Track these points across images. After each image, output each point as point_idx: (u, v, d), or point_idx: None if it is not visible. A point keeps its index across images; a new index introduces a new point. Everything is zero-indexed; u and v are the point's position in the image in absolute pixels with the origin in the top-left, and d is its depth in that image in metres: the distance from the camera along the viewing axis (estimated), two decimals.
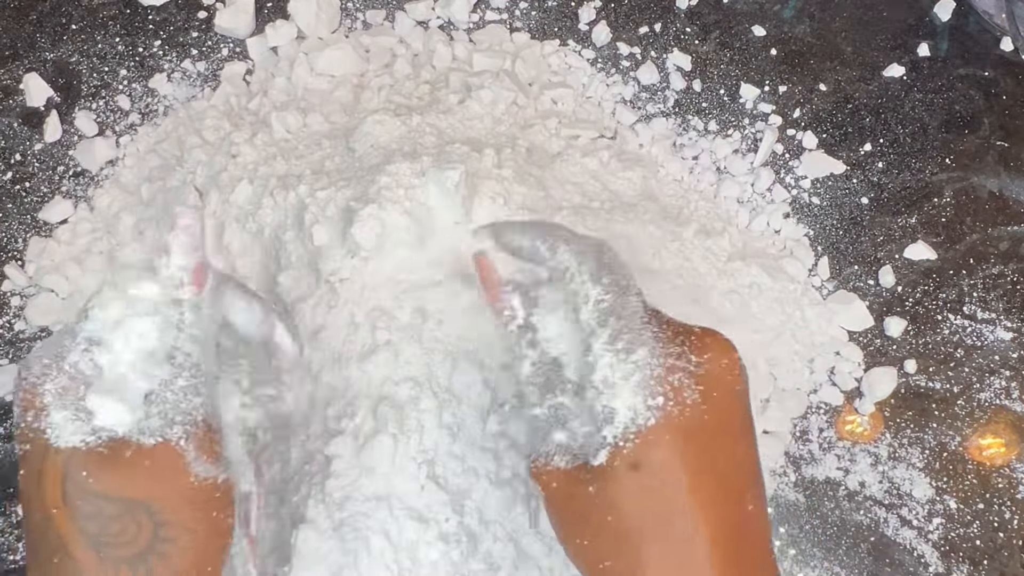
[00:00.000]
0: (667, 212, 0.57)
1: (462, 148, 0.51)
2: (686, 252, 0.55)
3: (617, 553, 0.33)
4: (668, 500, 0.33)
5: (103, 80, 0.62)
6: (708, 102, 0.63)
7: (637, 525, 0.33)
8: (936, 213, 0.61)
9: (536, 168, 0.54)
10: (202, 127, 0.57)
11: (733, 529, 0.33)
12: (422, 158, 0.49)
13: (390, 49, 0.62)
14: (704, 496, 0.33)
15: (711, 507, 0.33)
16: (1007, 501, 0.54)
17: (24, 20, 0.63)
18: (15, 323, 0.56)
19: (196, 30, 0.63)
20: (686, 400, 0.33)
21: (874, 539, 0.54)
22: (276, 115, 0.56)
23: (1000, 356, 0.57)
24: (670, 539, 0.33)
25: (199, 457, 0.35)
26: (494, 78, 0.58)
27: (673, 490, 0.32)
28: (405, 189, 0.47)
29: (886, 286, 0.59)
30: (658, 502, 0.33)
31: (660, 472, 0.32)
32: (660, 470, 0.32)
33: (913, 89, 0.64)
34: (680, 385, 0.33)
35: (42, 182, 0.59)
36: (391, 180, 0.47)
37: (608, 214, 0.54)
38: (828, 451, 0.55)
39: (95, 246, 0.57)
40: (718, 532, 0.33)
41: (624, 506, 0.33)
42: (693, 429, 0.33)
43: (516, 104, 0.58)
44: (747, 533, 0.34)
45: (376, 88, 0.59)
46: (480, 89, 0.57)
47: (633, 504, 0.33)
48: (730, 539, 0.33)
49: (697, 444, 0.33)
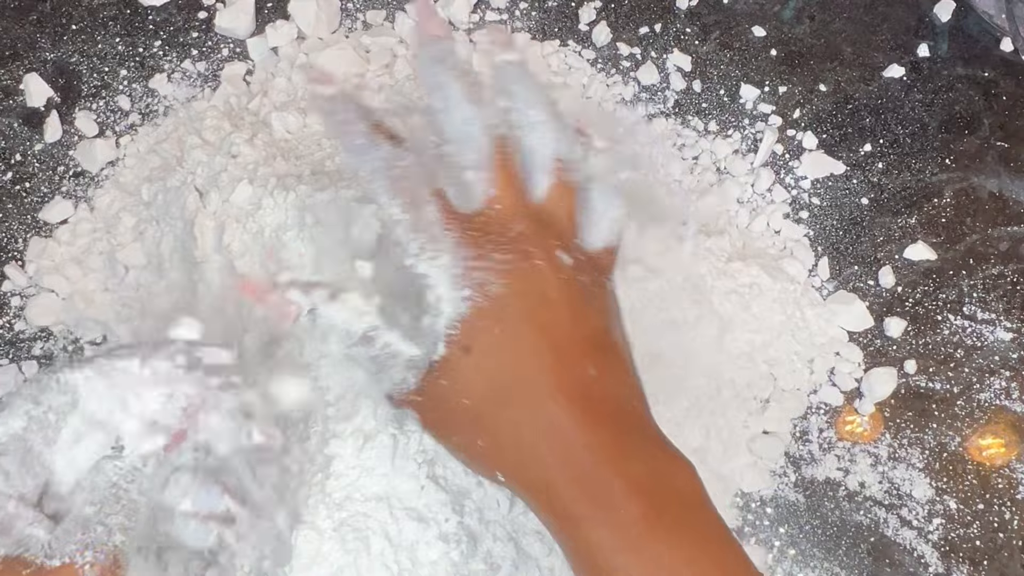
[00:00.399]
0: (668, 212, 0.57)
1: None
2: (692, 248, 0.55)
3: (481, 430, 0.37)
4: (503, 373, 0.36)
5: (103, 80, 0.62)
6: (708, 102, 0.63)
7: (485, 400, 0.37)
8: (936, 213, 0.61)
9: None
10: (202, 127, 0.57)
11: (579, 393, 0.36)
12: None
13: (390, 49, 0.62)
14: (534, 366, 0.36)
15: (549, 374, 0.36)
16: (1007, 501, 0.54)
17: (24, 20, 0.63)
18: (15, 323, 0.56)
19: (196, 30, 0.63)
20: (490, 292, 0.37)
21: (874, 539, 0.54)
22: (276, 115, 0.56)
23: (1000, 356, 0.57)
24: (516, 405, 0.36)
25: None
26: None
27: (505, 364, 0.36)
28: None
29: (886, 286, 0.59)
30: (495, 377, 0.36)
31: (486, 352, 0.37)
32: (485, 351, 0.37)
33: (913, 89, 0.64)
34: (483, 280, 0.37)
35: (42, 182, 0.59)
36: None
37: None
38: (828, 451, 0.55)
39: (95, 246, 0.57)
40: (560, 393, 0.36)
41: (471, 385, 0.37)
42: (502, 315, 0.37)
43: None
44: (592, 390, 0.36)
45: (376, 88, 0.59)
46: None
47: (477, 382, 0.37)
48: (577, 401, 0.36)
49: (509, 327, 0.36)
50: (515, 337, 0.36)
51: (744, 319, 0.55)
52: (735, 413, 0.54)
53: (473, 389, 0.37)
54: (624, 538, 0.34)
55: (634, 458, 0.36)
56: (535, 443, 0.36)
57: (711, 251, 0.56)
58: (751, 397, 0.55)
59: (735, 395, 0.54)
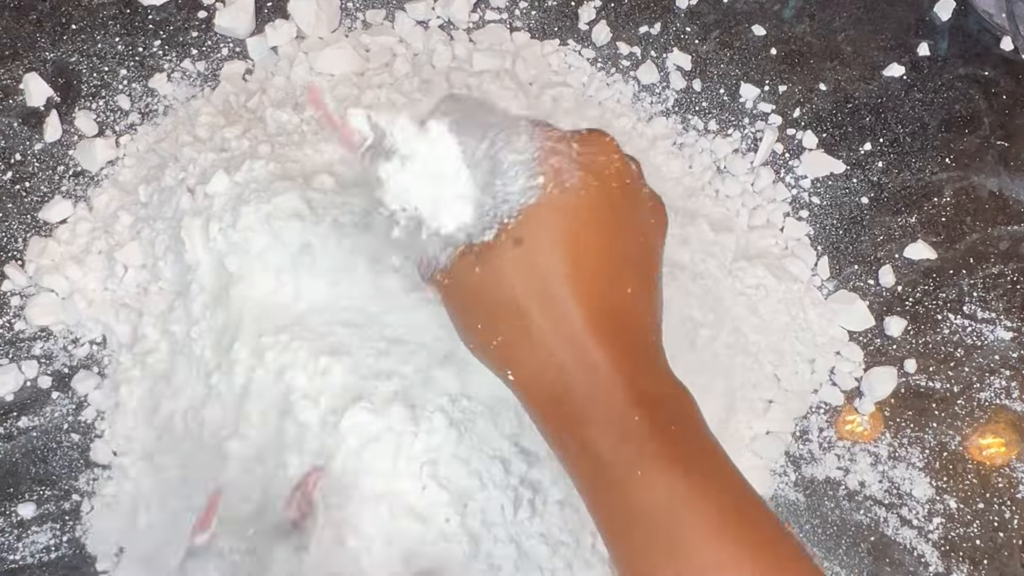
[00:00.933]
0: (675, 206, 0.57)
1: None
2: (695, 246, 0.55)
3: (505, 326, 0.36)
4: (547, 274, 0.35)
5: (103, 80, 0.62)
6: (708, 102, 0.63)
7: (520, 297, 0.35)
8: (936, 213, 0.61)
9: None
10: (196, 124, 0.57)
11: (609, 307, 0.36)
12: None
13: (390, 49, 0.62)
14: (579, 272, 0.35)
15: (586, 282, 0.35)
16: (1007, 501, 0.54)
17: (24, 20, 0.63)
18: (15, 323, 0.56)
19: (196, 30, 0.63)
20: (565, 182, 0.35)
21: (874, 539, 0.54)
22: (271, 112, 0.55)
23: (1000, 356, 0.57)
24: (550, 308, 0.35)
25: None
26: (494, 78, 0.58)
27: (551, 264, 0.35)
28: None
29: (886, 286, 0.59)
30: (538, 275, 0.35)
31: (539, 247, 0.35)
32: (539, 245, 0.35)
33: (913, 89, 0.64)
34: (560, 167, 0.35)
35: (42, 182, 0.59)
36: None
37: None
38: (828, 451, 0.55)
39: (94, 246, 0.57)
40: (593, 306, 0.35)
41: (508, 278, 0.35)
42: (570, 210, 0.35)
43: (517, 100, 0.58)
44: (625, 314, 0.36)
45: (376, 87, 0.59)
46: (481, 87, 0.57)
47: (516, 276, 0.35)
48: (605, 315, 0.35)
49: (574, 223, 0.35)
50: (574, 236, 0.35)
51: (753, 322, 0.55)
52: (739, 414, 0.54)
53: (509, 282, 0.35)
54: (628, 449, 0.34)
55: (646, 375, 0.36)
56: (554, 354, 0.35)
57: (719, 247, 0.56)
58: (756, 398, 0.55)
59: (741, 396, 0.54)
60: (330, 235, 0.49)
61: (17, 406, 0.54)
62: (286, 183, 0.50)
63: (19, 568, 0.51)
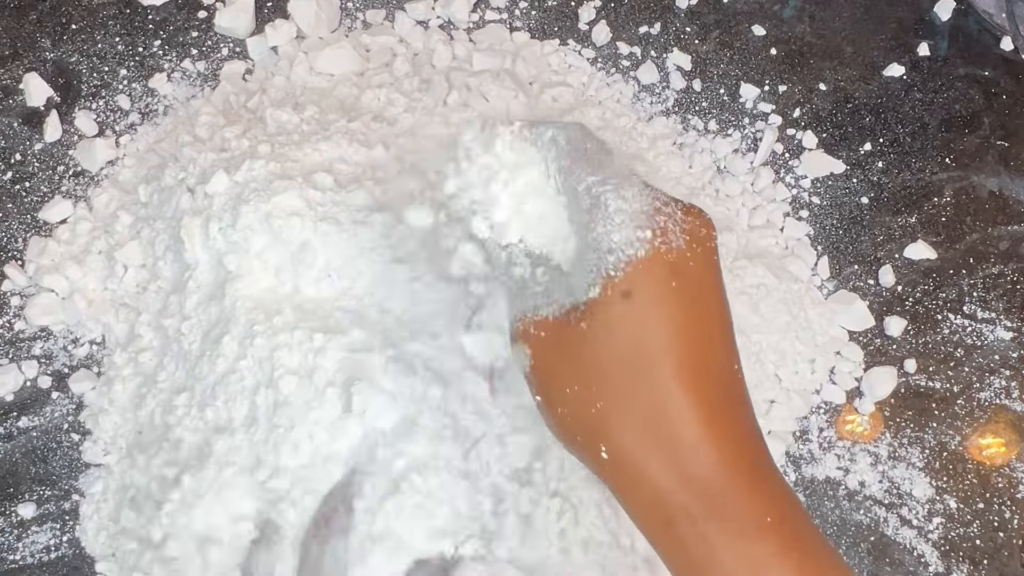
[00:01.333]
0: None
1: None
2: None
3: (607, 391, 0.34)
4: (658, 330, 0.33)
5: (103, 80, 0.62)
6: (708, 102, 0.63)
7: (629, 356, 0.33)
8: (936, 213, 0.61)
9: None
10: (196, 124, 0.57)
11: (717, 377, 0.34)
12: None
13: (390, 48, 0.62)
14: (691, 335, 0.34)
15: (695, 348, 0.34)
16: (1007, 501, 0.54)
17: (24, 20, 0.63)
18: (15, 323, 0.56)
19: (196, 30, 0.63)
20: (672, 241, 0.34)
21: (874, 539, 0.54)
22: (271, 111, 0.55)
23: (1000, 356, 0.57)
24: (660, 373, 0.33)
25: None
26: (494, 77, 0.58)
27: (664, 321, 0.33)
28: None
29: (886, 286, 0.59)
30: (649, 331, 0.33)
31: (652, 301, 0.33)
32: (652, 299, 0.33)
33: (913, 89, 0.64)
34: (666, 227, 0.34)
35: (42, 182, 0.59)
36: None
37: None
38: (828, 451, 0.55)
39: (94, 246, 0.57)
40: (705, 375, 0.33)
41: (617, 335, 0.33)
42: (680, 268, 0.34)
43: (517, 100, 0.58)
44: (732, 386, 0.35)
45: (376, 87, 0.59)
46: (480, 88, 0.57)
47: (625, 332, 0.33)
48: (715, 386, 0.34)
49: (684, 283, 0.34)
50: (684, 296, 0.34)
51: (754, 322, 0.55)
52: None
53: (618, 340, 0.33)
54: (755, 550, 0.32)
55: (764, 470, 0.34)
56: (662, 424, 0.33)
57: (722, 245, 0.56)
58: (758, 398, 0.55)
59: None
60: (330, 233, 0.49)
61: (17, 406, 0.54)
62: (286, 182, 0.50)
63: (19, 568, 0.51)
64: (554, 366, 0.35)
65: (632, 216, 0.34)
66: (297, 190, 0.50)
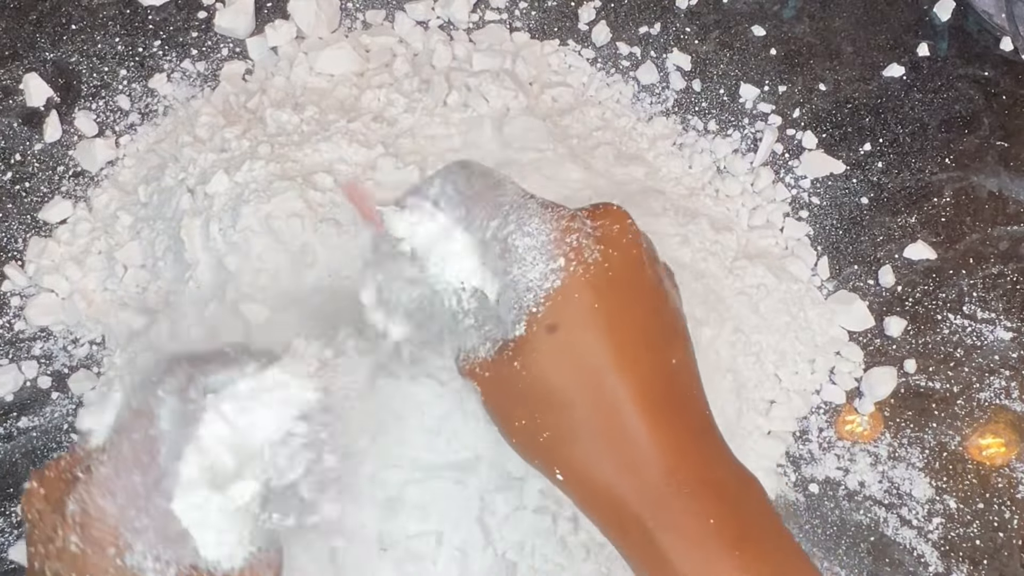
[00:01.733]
0: (676, 206, 0.57)
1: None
2: (696, 245, 0.55)
3: (552, 422, 0.34)
4: (588, 357, 0.33)
5: (103, 80, 0.62)
6: (708, 102, 0.63)
7: (564, 388, 0.34)
8: (936, 213, 0.61)
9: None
10: (196, 124, 0.57)
11: (658, 381, 0.34)
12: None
13: (390, 49, 0.62)
14: (622, 350, 0.34)
15: (631, 360, 0.34)
16: (1007, 501, 0.54)
17: (24, 20, 0.63)
18: (15, 323, 0.56)
19: (196, 30, 0.63)
20: (587, 259, 0.34)
21: (874, 539, 0.54)
22: (271, 112, 0.55)
23: (1000, 356, 0.57)
24: (598, 397, 0.33)
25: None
26: (494, 78, 0.58)
27: (592, 346, 0.33)
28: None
29: (886, 286, 0.59)
30: (579, 360, 0.33)
31: (576, 330, 0.33)
32: (575, 327, 0.33)
33: (913, 89, 0.64)
34: (579, 245, 0.34)
35: (42, 182, 0.59)
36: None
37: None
38: (828, 451, 0.55)
39: (94, 246, 0.57)
40: (642, 385, 0.34)
41: (548, 370, 0.34)
42: (600, 285, 0.34)
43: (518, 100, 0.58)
44: (673, 385, 0.35)
45: (376, 87, 0.59)
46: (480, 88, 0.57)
47: (556, 366, 0.34)
48: (655, 392, 0.34)
49: (607, 299, 0.34)
50: (610, 313, 0.33)
51: (754, 322, 0.55)
52: (743, 415, 0.54)
53: (549, 374, 0.34)
54: (705, 553, 0.33)
55: (714, 466, 0.34)
56: (607, 444, 0.33)
57: (720, 246, 0.56)
58: (758, 398, 0.55)
59: (744, 397, 0.54)
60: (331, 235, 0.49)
61: (17, 406, 0.54)
62: (286, 183, 0.50)
63: (19, 568, 0.51)
64: (499, 401, 0.36)
65: (541, 250, 0.34)
66: (297, 191, 0.50)
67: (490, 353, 0.35)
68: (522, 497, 0.46)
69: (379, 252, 0.38)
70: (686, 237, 0.55)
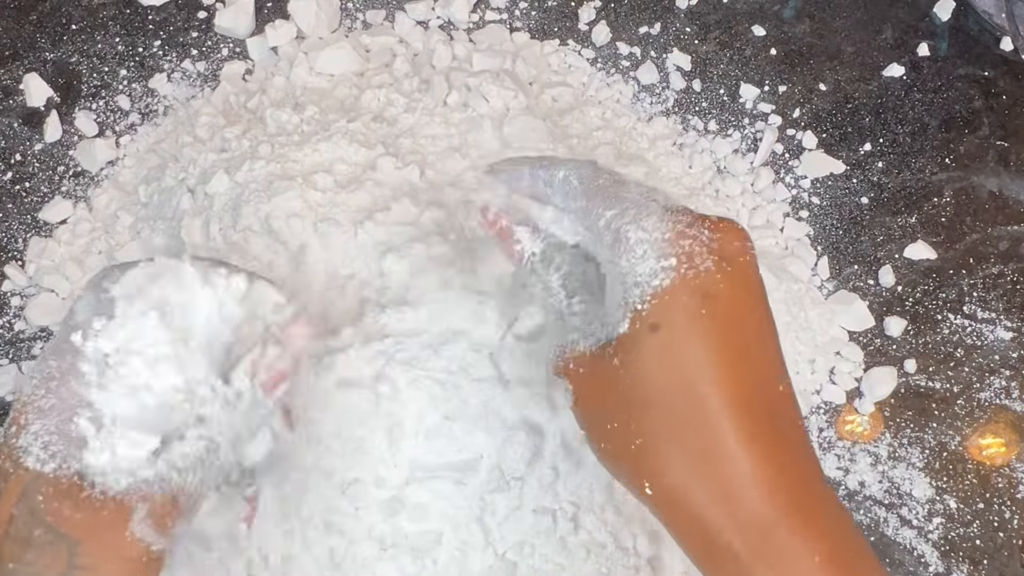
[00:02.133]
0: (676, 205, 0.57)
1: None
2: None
3: (647, 427, 0.32)
4: (689, 363, 0.32)
5: (103, 80, 0.62)
6: (708, 102, 0.63)
7: (661, 391, 0.32)
8: (936, 213, 0.61)
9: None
10: (196, 124, 0.57)
11: (761, 404, 0.32)
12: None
13: (390, 49, 0.62)
14: (726, 365, 0.32)
15: (734, 377, 0.32)
16: (1007, 501, 0.54)
17: (24, 20, 0.63)
18: (15, 323, 0.56)
19: (196, 30, 0.63)
20: (699, 265, 0.33)
21: (874, 539, 0.53)
22: (271, 112, 0.55)
23: (1000, 356, 0.57)
24: (695, 408, 0.32)
25: (145, 521, 0.34)
26: (494, 78, 0.58)
27: (693, 354, 0.32)
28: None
29: (886, 286, 0.59)
30: (679, 366, 0.32)
31: (679, 332, 0.32)
32: (679, 330, 0.32)
33: (913, 89, 0.64)
34: (692, 251, 0.33)
35: (42, 182, 0.59)
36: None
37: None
38: (828, 451, 0.55)
39: (94, 246, 0.57)
40: (745, 405, 0.32)
41: (649, 371, 0.32)
42: (709, 293, 0.32)
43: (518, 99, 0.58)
44: (777, 411, 0.33)
45: (376, 87, 0.59)
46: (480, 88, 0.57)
47: (657, 367, 0.32)
48: (758, 414, 0.32)
49: (715, 308, 0.32)
50: (717, 322, 0.32)
51: None
52: None
53: (650, 376, 0.32)
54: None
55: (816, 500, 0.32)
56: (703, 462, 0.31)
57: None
58: None
59: None
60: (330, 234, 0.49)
61: None
62: (286, 183, 0.50)
63: None
64: (593, 402, 0.35)
65: (654, 245, 0.33)
66: (297, 191, 0.50)
67: (590, 349, 0.34)
68: (522, 497, 0.46)
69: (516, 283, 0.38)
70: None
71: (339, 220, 0.49)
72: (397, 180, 0.52)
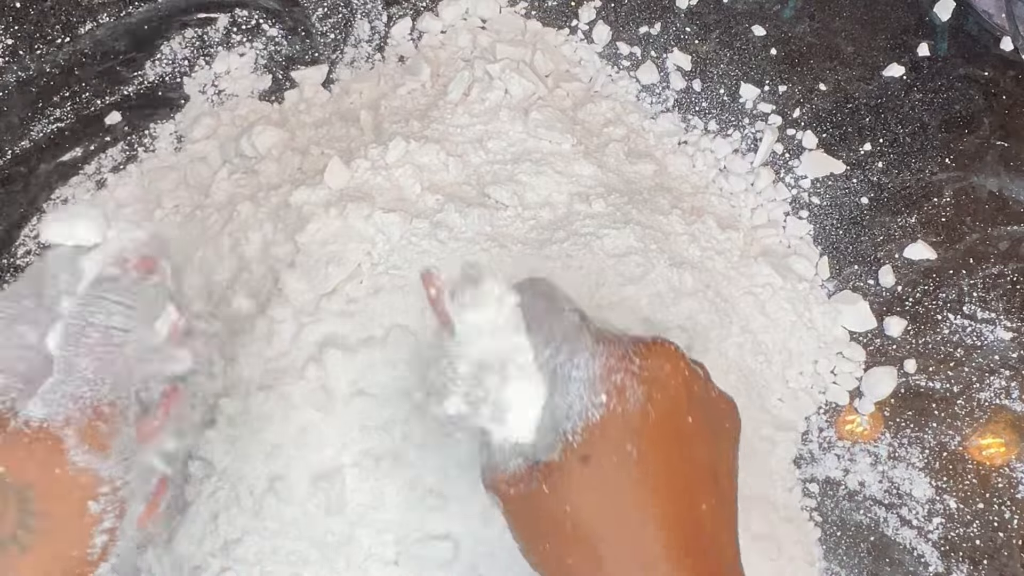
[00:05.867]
0: (682, 204, 0.57)
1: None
2: (704, 244, 0.55)
3: (576, 551, 0.34)
4: (618, 493, 0.34)
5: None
6: (708, 102, 0.63)
7: (591, 519, 0.34)
8: (936, 213, 0.61)
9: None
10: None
11: (686, 526, 0.34)
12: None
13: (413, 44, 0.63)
14: (653, 491, 0.34)
15: (660, 502, 0.34)
16: (1007, 501, 0.54)
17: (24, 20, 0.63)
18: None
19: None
20: (629, 399, 0.34)
21: (874, 539, 0.54)
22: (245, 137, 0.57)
23: (1000, 356, 0.57)
24: (624, 533, 0.34)
25: (81, 447, 0.33)
26: (515, 67, 0.58)
27: (622, 483, 0.34)
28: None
29: (886, 286, 0.59)
30: (609, 495, 0.34)
31: (608, 465, 0.34)
32: (608, 463, 0.34)
33: (913, 89, 0.64)
34: (622, 385, 0.34)
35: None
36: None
37: (629, 204, 0.54)
38: (828, 451, 0.55)
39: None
40: (670, 528, 0.34)
41: (577, 500, 0.34)
42: (638, 426, 0.34)
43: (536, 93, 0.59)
44: (701, 531, 0.35)
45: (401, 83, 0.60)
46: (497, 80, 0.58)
47: (585, 498, 0.34)
48: (683, 536, 0.34)
49: (643, 440, 0.34)
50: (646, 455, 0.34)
51: (761, 321, 0.55)
52: (749, 415, 0.54)
53: (578, 503, 0.34)
54: None
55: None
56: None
57: (727, 244, 0.56)
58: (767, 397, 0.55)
59: (756, 395, 0.54)
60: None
61: None
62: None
63: None
64: (523, 521, 0.37)
65: (586, 384, 0.35)
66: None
67: (519, 469, 0.36)
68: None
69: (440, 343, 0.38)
70: (694, 235, 0.55)
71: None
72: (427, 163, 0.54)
